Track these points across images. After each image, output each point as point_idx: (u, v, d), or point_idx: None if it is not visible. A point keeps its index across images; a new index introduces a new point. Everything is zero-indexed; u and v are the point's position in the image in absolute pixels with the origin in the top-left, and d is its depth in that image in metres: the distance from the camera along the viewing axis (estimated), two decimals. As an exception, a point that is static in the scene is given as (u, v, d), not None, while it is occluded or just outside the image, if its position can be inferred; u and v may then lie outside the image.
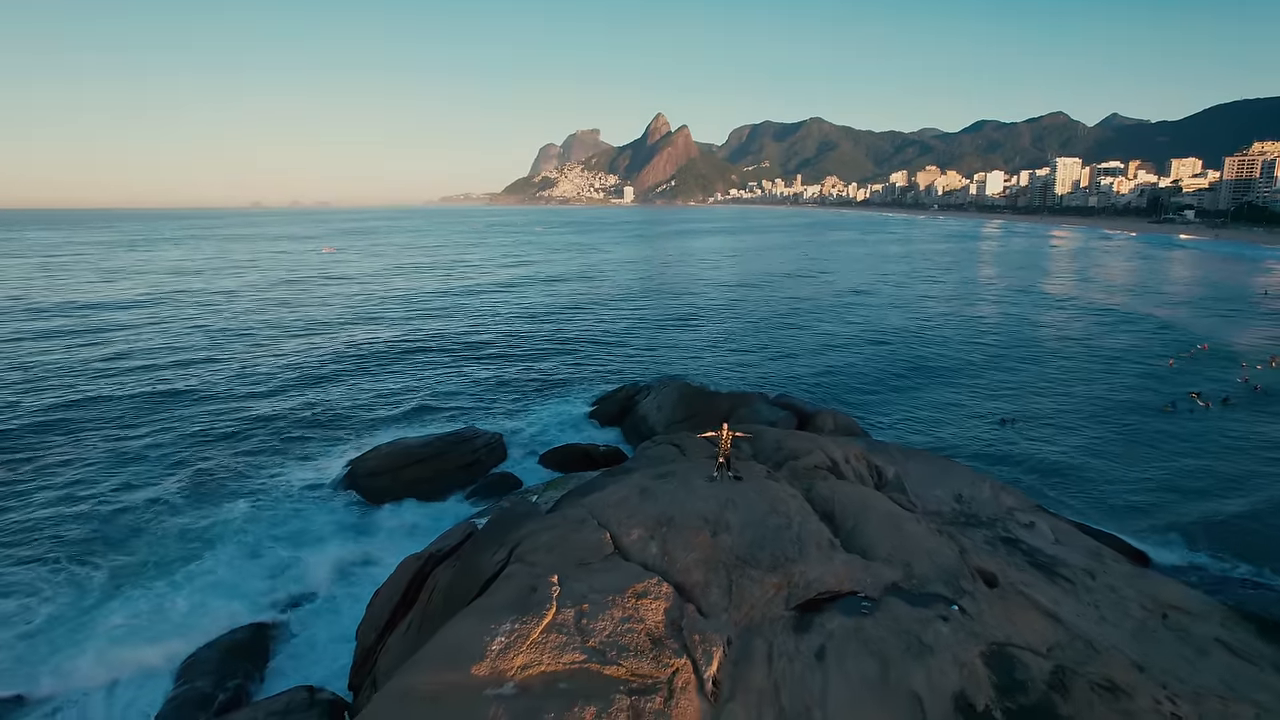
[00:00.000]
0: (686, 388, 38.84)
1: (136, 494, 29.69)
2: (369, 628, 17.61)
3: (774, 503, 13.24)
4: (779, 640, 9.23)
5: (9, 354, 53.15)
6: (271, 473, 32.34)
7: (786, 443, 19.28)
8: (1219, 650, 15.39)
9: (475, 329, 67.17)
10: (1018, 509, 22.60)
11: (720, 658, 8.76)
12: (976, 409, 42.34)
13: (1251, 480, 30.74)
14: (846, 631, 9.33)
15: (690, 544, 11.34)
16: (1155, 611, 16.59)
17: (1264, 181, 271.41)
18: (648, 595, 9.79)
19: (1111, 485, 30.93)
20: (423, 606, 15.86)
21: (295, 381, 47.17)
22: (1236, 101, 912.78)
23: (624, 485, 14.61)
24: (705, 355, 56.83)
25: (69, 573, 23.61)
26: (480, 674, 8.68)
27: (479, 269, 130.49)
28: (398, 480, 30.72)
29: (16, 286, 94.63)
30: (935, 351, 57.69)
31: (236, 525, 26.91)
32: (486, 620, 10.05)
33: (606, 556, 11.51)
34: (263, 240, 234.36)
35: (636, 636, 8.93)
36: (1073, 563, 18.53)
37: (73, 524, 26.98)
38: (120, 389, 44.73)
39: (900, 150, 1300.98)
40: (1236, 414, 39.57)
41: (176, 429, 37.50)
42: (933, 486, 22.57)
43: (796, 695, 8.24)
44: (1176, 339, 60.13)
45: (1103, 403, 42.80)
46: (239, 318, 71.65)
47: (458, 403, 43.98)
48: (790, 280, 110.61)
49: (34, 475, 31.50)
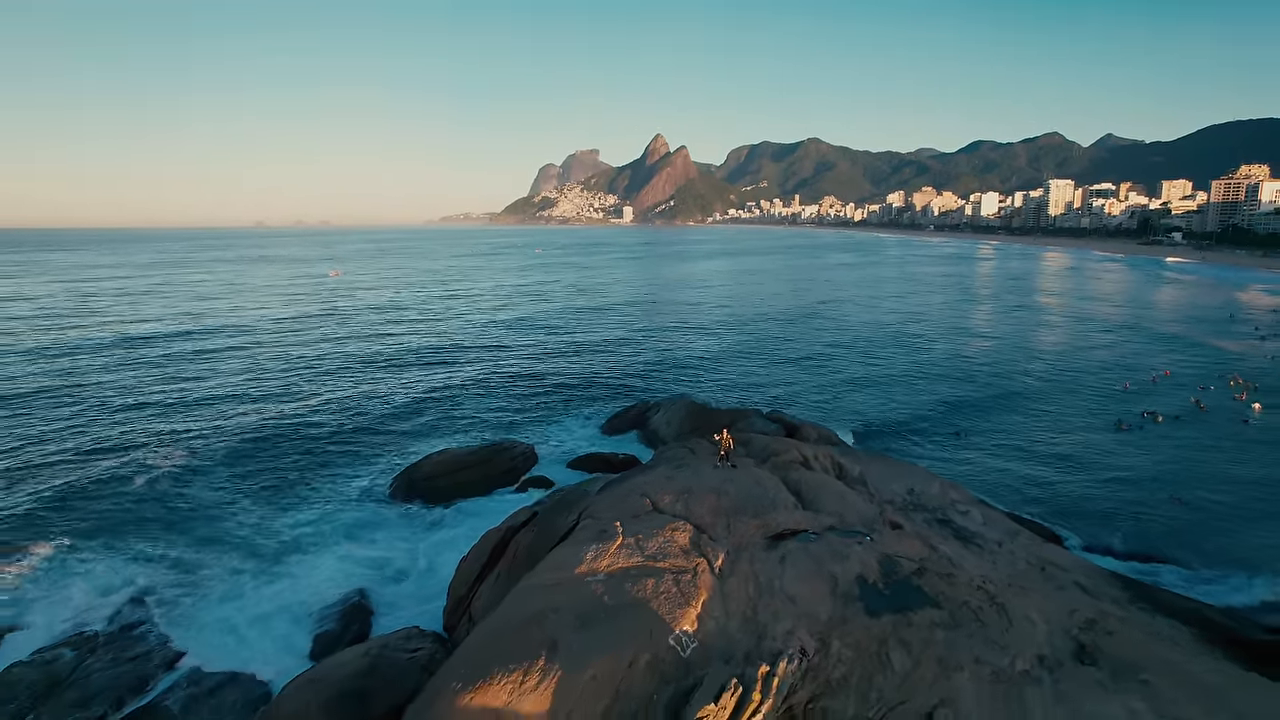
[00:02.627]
0: (692, 404, 45.09)
1: (254, 499, 36.08)
2: (460, 582, 23.76)
3: (759, 481, 19.50)
4: (757, 553, 15.42)
5: (126, 382, 59.11)
6: (345, 478, 38.72)
7: (771, 445, 25.63)
8: (1073, 587, 21.48)
9: (494, 351, 73.56)
10: (960, 501, 28.74)
11: (723, 558, 14.93)
12: (943, 421, 48.64)
13: (1175, 483, 36.93)
14: (798, 548, 15.54)
15: (703, 502, 17.59)
16: (1036, 565, 22.73)
17: (1249, 204, 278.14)
18: (678, 529, 16.02)
19: (1051, 485, 37.25)
20: (508, 562, 21.90)
21: (341, 402, 53.50)
22: (1229, 123, 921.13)
23: (654, 472, 20.87)
24: (707, 375, 63.22)
25: (224, 556, 29.98)
26: (580, 571, 14.77)
27: (490, 294, 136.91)
28: (451, 482, 36.97)
29: (97, 313, 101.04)
30: (915, 370, 64.02)
31: (329, 520, 33.26)
32: (576, 548, 16.17)
33: (648, 512, 17.74)
34: (278, 264, 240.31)
35: (673, 549, 15.15)
36: (989, 535, 24.71)
37: (227, 524, 33.38)
38: (203, 410, 51.20)
39: (897, 170, 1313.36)
40: (1181, 430, 45.58)
41: (261, 451, 43.48)
42: (890, 482, 28.73)
43: (765, 576, 14.41)
44: (1141, 363, 66.13)
45: (1061, 418, 49.09)
46: (280, 347, 78.00)
47: (488, 419, 50.18)
48: (785, 305, 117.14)
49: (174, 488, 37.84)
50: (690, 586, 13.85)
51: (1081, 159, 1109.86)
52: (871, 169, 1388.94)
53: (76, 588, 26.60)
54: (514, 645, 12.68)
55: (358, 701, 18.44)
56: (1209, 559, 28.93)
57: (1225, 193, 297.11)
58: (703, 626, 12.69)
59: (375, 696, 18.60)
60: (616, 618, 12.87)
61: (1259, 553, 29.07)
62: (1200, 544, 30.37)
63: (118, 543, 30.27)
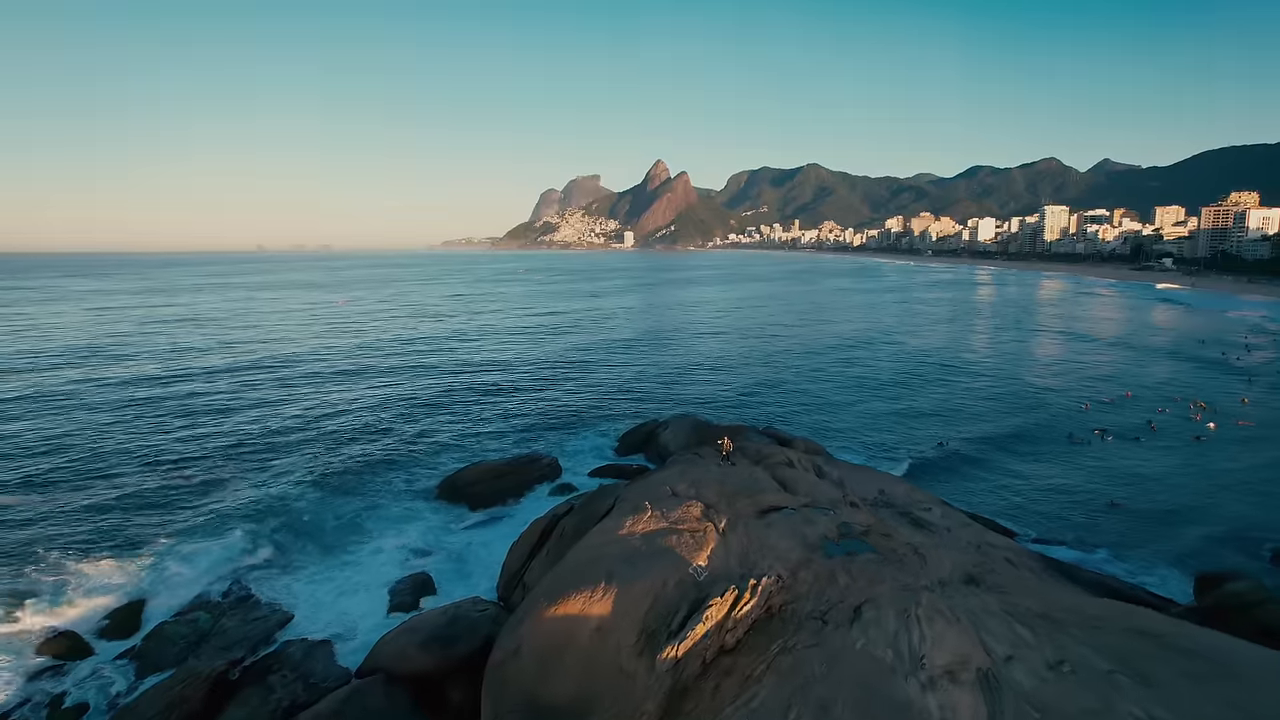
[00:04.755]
0: (696, 422, 51.02)
1: (324, 501, 42.24)
2: (514, 559, 29.65)
3: (752, 475, 25.46)
4: (750, 521, 21.39)
5: (211, 404, 65.48)
6: (400, 483, 44.74)
7: (763, 450, 31.71)
8: (1002, 563, 27.15)
9: (513, 375, 79.72)
10: (923, 501, 34.63)
11: (725, 523, 20.87)
12: (926, 433, 54.63)
13: (1113, 488, 42.81)
14: (780, 518, 21.50)
15: (710, 488, 23.59)
16: (975, 544, 28.49)
17: (1237, 231, 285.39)
18: (692, 505, 22.02)
19: (1007, 488, 43.14)
20: (555, 541, 27.69)
21: (383, 420, 59.54)
22: (1224, 148, 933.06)
23: (671, 469, 26.89)
24: (709, 395, 69.35)
25: (309, 544, 36.04)
26: (622, 533, 20.63)
27: (503, 322, 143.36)
28: (489, 489, 42.91)
29: (136, 342, 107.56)
30: (901, 389, 70.03)
31: (390, 517, 39.37)
32: (618, 519, 22.03)
33: (669, 496, 23.72)
34: (286, 289, 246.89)
35: (689, 518, 21.13)
36: (942, 525, 30.48)
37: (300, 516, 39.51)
38: (261, 426, 57.28)
39: (896, 195, 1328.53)
40: (1130, 447, 51.42)
41: (326, 462, 49.55)
42: (864, 485, 34.65)
43: (755, 535, 20.34)
44: (1108, 386, 71.97)
45: (1026, 432, 55.07)
46: (309, 372, 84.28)
47: (514, 435, 56.02)
48: (783, 329, 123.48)
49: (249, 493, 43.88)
50: (702, 540, 19.79)
51: (1079, 184, 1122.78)
52: (870, 194, 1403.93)
53: (195, 566, 32.53)
54: (582, 577, 18.59)
55: (443, 644, 24.29)
56: (1125, 549, 34.85)
57: (1215, 219, 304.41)
58: (711, 563, 18.60)
59: (457, 641, 24.43)
60: (652, 558, 18.80)
61: (1166, 544, 35.06)
62: (1124, 537, 36.33)
63: (222, 531, 36.27)
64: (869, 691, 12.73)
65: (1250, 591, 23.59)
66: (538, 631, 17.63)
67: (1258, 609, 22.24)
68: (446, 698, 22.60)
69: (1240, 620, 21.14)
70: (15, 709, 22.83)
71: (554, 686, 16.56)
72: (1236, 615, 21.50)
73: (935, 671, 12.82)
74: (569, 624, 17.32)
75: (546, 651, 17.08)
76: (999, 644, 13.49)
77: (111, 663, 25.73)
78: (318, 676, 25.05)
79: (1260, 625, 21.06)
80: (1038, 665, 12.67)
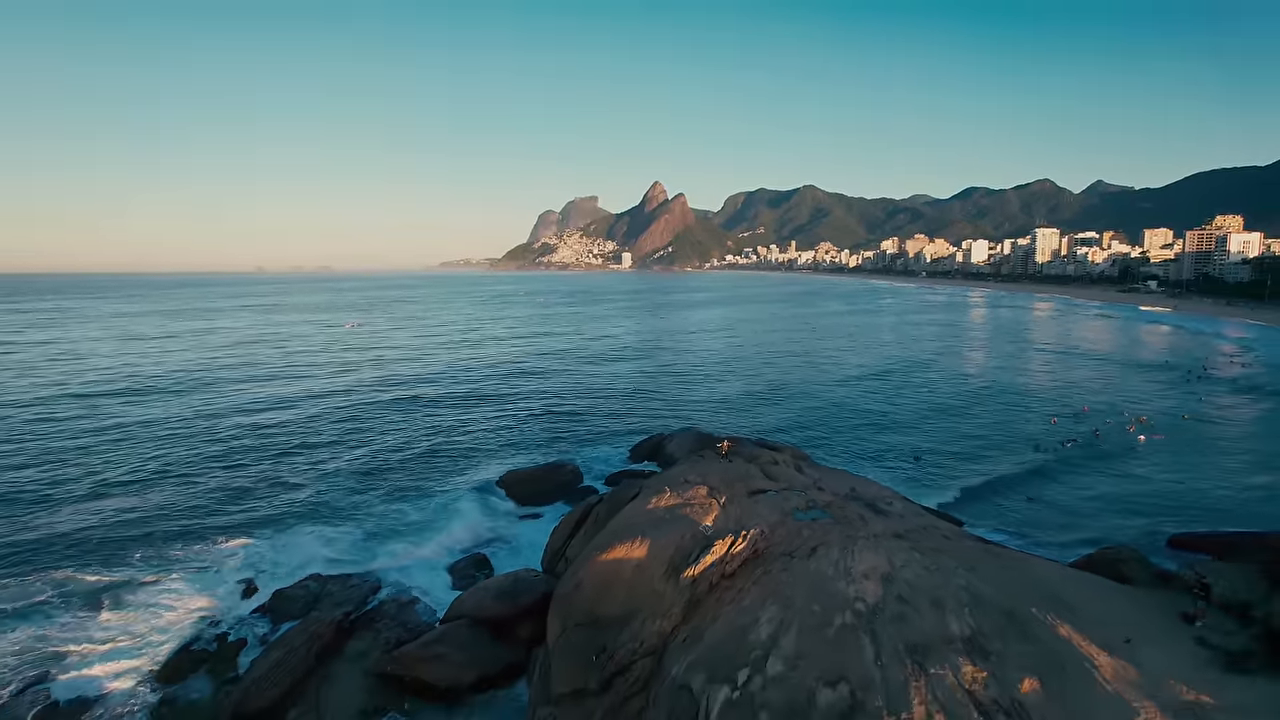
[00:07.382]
0: (699, 434, 58.71)
1: (392, 497, 50.57)
2: (558, 538, 37.27)
3: (745, 468, 33.26)
4: (743, 498, 29.09)
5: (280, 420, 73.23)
6: (451, 483, 52.44)
7: (755, 452, 39.46)
8: (936, 536, 34.78)
9: (529, 393, 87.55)
10: (888, 496, 41.81)
11: (725, 499, 28.55)
12: (905, 442, 62.30)
13: (1058, 485, 50.59)
14: (764, 497, 29.21)
15: (713, 476, 31.36)
16: (921, 525, 36.01)
17: (1219, 254, 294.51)
18: (700, 488, 29.75)
19: (968, 488, 50.87)
20: (591, 523, 35.22)
21: (421, 432, 67.30)
22: (1215, 170, 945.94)
23: (682, 466, 34.65)
24: (709, 411, 77.11)
25: (384, 530, 43.93)
26: (648, 508, 28.20)
27: (511, 345, 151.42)
28: (527, 490, 50.88)
29: (183, 363, 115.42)
30: (883, 403, 77.80)
31: (447, 509, 47.17)
32: (644, 499, 29.65)
33: (681, 483, 31.38)
34: (293, 311, 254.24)
35: (698, 496, 28.85)
36: (897, 512, 37.97)
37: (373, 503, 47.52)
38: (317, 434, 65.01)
39: (892, 216, 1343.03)
40: (1081, 452, 59.23)
41: (386, 466, 57.52)
42: (837, 483, 41.80)
43: (746, 507, 27.96)
44: (1077, 399, 79.96)
45: (1000, 440, 62.89)
46: (349, 393, 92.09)
47: (536, 447, 63.67)
48: (777, 350, 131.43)
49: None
50: (708, 510, 27.53)
51: (1072, 205, 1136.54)
52: (866, 215, 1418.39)
53: (301, 550, 40.22)
54: (622, 535, 26.29)
55: (511, 597, 31.99)
56: (1040, 532, 42.73)
57: (1199, 243, 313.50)
58: (715, 524, 26.32)
59: (520, 595, 32.14)
60: (672, 522, 26.53)
61: (1089, 532, 42.83)
62: (1041, 524, 44.22)
63: (313, 521, 44.11)
64: (815, 588, 20.44)
65: (1121, 554, 31.23)
66: (593, 571, 25.30)
67: (1122, 565, 29.85)
68: (515, 633, 30.25)
69: (1104, 571, 28.71)
70: (193, 642, 30.43)
71: (606, 606, 24.15)
72: (1102, 568, 29.10)
73: (856, 575, 20.53)
74: (616, 565, 24.98)
75: (601, 582, 24.73)
76: (899, 560, 21.23)
77: (250, 615, 33.33)
78: (412, 624, 32.62)
79: (1119, 575, 28.64)
80: (918, 569, 20.41)
